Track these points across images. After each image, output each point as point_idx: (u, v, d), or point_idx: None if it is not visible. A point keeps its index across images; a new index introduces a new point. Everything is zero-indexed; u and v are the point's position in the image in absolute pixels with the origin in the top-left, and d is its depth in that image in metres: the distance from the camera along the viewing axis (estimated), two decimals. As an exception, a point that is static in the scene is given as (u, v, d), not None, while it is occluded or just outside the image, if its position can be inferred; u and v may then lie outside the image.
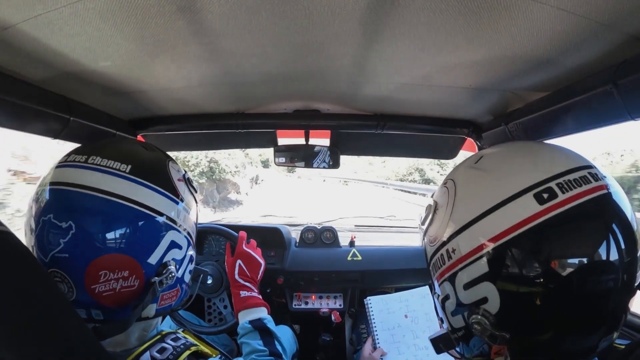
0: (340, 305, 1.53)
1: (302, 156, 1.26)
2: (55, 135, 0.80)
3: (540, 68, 0.68)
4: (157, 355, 0.58)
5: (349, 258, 1.53)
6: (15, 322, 0.39)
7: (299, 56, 0.70)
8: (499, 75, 0.75)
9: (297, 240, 1.64)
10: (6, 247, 0.42)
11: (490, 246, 0.48)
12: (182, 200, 0.67)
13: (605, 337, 0.48)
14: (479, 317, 0.49)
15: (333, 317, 1.48)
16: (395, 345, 1.08)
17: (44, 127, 0.78)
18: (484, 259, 0.49)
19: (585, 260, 0.45)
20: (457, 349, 0.60)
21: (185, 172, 0.73)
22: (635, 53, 0.56)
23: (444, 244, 0.55)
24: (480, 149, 1.20)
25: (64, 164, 0.61)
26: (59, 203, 0.57)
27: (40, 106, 0.73)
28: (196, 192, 0.74)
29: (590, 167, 0.50)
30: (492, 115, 1.04)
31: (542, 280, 0.45)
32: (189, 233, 0.69)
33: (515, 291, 0.47)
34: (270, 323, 0.86)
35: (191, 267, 0.71)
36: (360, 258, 1.53)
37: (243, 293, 0.90)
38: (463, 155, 1.36)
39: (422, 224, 0.63)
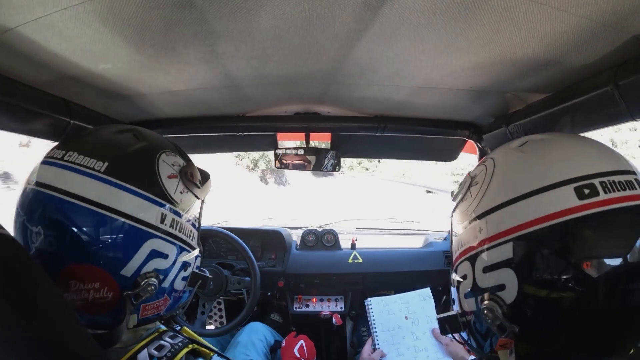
0: (341, 307, 1.52)
1: (303, 159, 1.25)
2: (56, 138, 0.80)
3: (541, 69, 0.68)
4: (155, 352, 0.55)
5: (350, 260, 1.53)
6: (14, 325, 0.39)
7: (299, 58, 0.70)
8: (499, 77, 0.74)
9: (298, 243, 1.64)
10: (5, 250, 0.42)
11: (519, 232, 0.46)
12: (171, 202, 0.59)
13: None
14: (493, 303, 0.47)
15: (334, 320, 1.47)
16: (395, 346, 1.08)
17: (44, 129, 0.78)
18: (510, 244, 0.46)
19: (617, 268, 0.42)
20: (463, 335, 0.58)
21: (185, 164, 0.64)
22: (636, 53, 0.56)
23: (471, 221, 0.53)
24: (480, 150, 1.19)
25: (44, 160, 0.57)
26: (30, 205, 0.54)
27: (40, 109, 0.73)
28: (199, 187, 0.65)
29: (637, 174, 0.47)
30: (493, 116, 1.03)
31: (566, 279, 0.43)
32: (179, 238, 0.61)
33: (535, 285, 0.45)
34: None
35: (185, 273, 0.65)
36: (361, 260, 1.52)
37: None
38: (463, 157, 1.36)
39: (454, 199, 0.61)
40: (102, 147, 0.57)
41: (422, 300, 1.18)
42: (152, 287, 0.56)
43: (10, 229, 0.46)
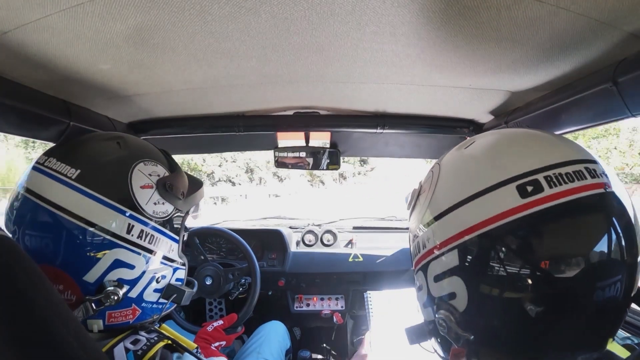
0: (342, 306, 1.52)
1: (303, 158, 1.26)
2: (56, 139, 0.80)
3: (540, 67, 0.68)
4: (131, 346, 0.56)
5: (350, 259, 1.53)
6: (12, 327, 0.39)
7: (298, 58, 0.70)
8: (499, 75, 0.75)
9: (299, 243, 1.64)
10: (4, 251, 0.42)
11: (463, 238, 0.44)
12: (140, 212, 0.58)
13: (584, 356, 0.43)
14: (446, 312, 0.46)
15: (335, 319, 1.47)
16: (391, 338, 1.08)
17: (44, 131, 0.78)
18: (455, 251, 0.45)
19: (565, 267, 0.40)
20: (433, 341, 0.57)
21: (168, 174, 0.64)
22: (634, 51, 0.56)
23: (420, 231, 0.52)
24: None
25: (32, 163, 0.60)
26: (12, 206, 0.57)
27: (40, 110, 0.73)
28: (180, 199, 0.64)
29: (591, 161, 0.44)
30: (493, 114, 1.04)
31: (512, 282, 0.41)
32: (147, 249, 0.60)
33: (483, 290, 0.43)
34: None
35: (159, 286, 0.64)
36: (361, 259, 1.53)
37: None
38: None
39: (407, 207, 0.59)
40: (80, 154, 0.60)
41: None
42: (115, 297, 0.56)
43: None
